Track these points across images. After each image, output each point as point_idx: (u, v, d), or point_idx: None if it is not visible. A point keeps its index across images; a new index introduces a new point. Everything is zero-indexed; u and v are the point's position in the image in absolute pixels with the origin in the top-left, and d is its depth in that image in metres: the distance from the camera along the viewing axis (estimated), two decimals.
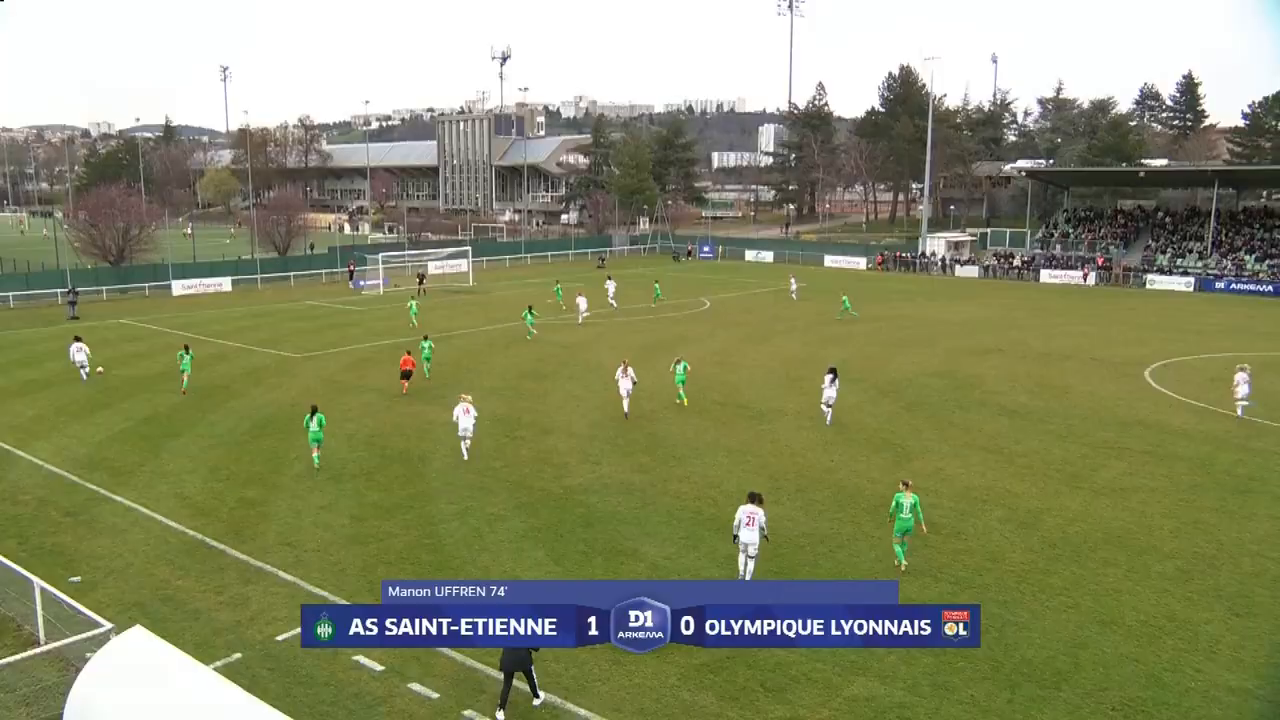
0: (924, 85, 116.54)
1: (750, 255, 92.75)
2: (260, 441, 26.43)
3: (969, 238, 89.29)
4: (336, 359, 38.98)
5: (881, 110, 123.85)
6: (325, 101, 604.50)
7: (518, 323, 47.74)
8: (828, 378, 28.47)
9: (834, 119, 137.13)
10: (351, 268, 70.68)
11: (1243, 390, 29.07)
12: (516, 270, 78.94)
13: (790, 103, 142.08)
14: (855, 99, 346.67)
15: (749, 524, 16.64)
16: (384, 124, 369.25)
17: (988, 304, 58.98)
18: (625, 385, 29.15)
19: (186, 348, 34.04)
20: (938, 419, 29.09)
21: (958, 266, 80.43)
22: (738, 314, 53.01)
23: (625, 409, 29.02)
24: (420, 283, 62.31)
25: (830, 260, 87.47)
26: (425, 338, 36.52)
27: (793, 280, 63.79)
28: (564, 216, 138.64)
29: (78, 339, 36.06)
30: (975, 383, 34.43)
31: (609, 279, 57.62)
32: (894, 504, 17.75)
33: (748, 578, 16.76)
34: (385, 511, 20.86)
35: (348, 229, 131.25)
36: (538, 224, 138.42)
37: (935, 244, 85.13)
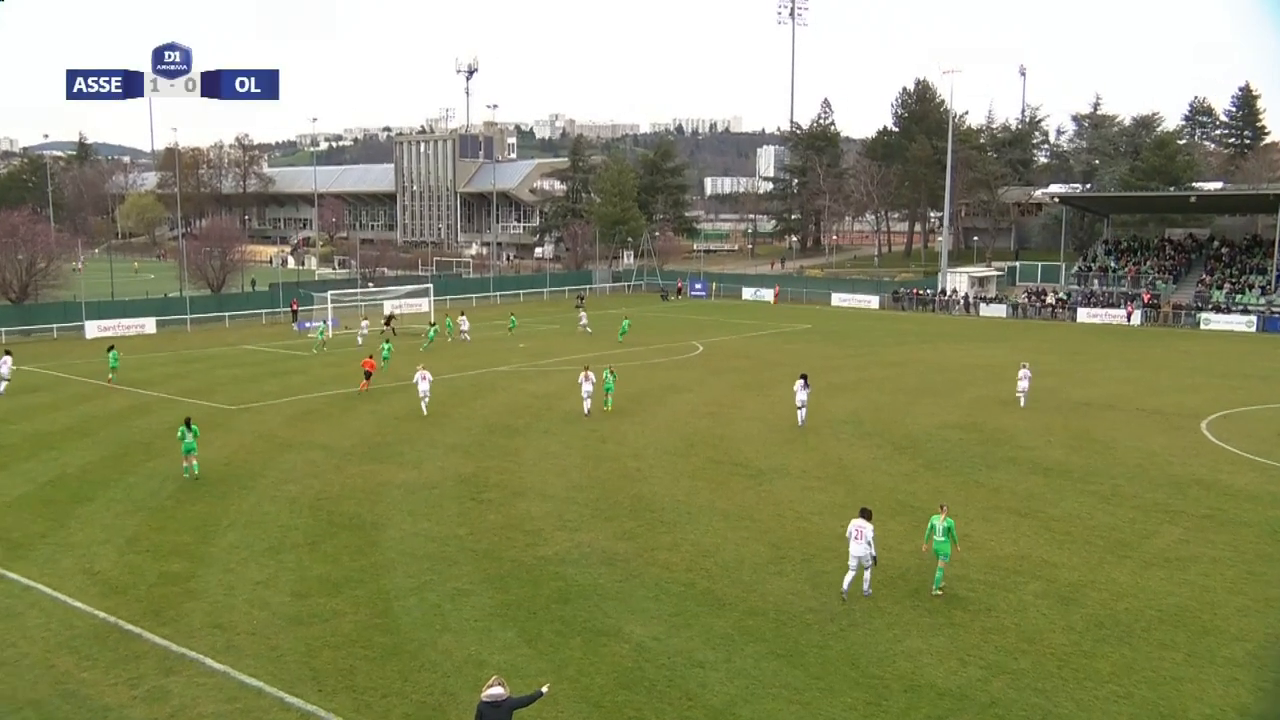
0: (943, 101, 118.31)
1: (748, 293, 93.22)
2: (187, 507, 26.09)
3: (995, 272, 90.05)
4: (277, 411, 38.71)
5: (895, 130, 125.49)
6: (267, 118, 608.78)
7: (484, 370, 47.62)
8: (799, 382, 35.44)
9: (841, 140, 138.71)
10: (295, 307, 70.65)
11: (1023, 385, 39.67)
12: (484, 310, 79.00)
13: (792, 122, 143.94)
14: (865, 117, 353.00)
15: (857, 538, 19.58)
16: (334, 145, 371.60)
17: (1017, 347, 59.26)
18: (586, 388, 36.88)
19: (111, 347, 44.71)
20: (962, 478, 29.03)
21: (983, 305, 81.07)
22: (733, 359, 53.08)
23: (585, 409, 36.87)
24: (388, 323, 63.98)
25: (839, 298, 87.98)
26: (386, 340, 50.55)
27: (582, 314, 67.52)
28: (538, 250, 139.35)
29: (8, 353, 43.77)
30: (1004, 437, 34.45)
31: (461, 314, 64.86)
32: (929, 528, 20.30)
33: (866, 590, 19.80)
34: (332, 587, 20.55)
35: (292, 263, 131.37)
36: (508, 258, 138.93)
37: (957, 280, 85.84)
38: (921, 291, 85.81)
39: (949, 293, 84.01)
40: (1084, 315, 75.42)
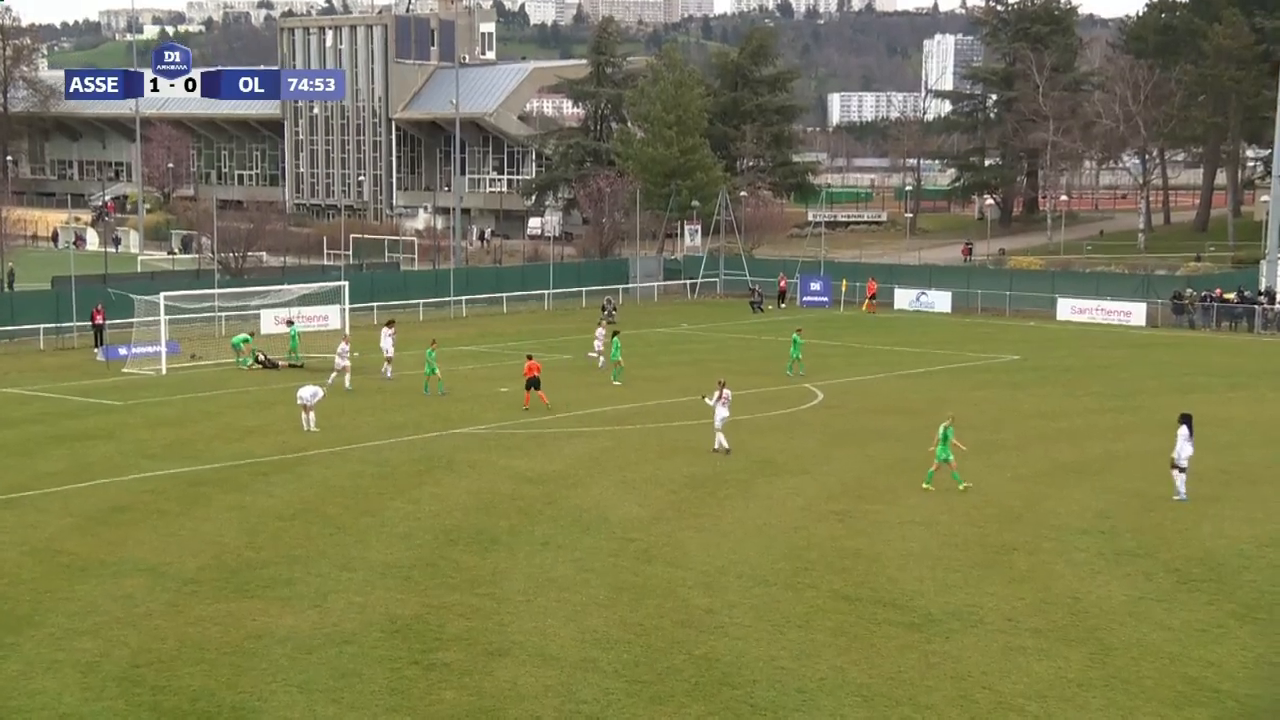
0: None
1: (904, 299, 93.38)
2: None
3: None
4: (63, 506, 38.96)
5: (1179, 3, 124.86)
6: None
7: (437, 433, 47.84)
8: (1181, 430, 39.11)
9: (1079, 22, 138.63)
10: (99, 320, 71.16)
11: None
12: (436, 327, 79.02)
13: None
14: None
15: None
16: (173, 31, 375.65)
17: None
18: (721, 413, 44.40)
19: None
20: None
21: None
22: (877, 415, 53.15)
23: (717, 444, 44.87)
24: (265, 366, 64.55)
25: (1070, 307, 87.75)
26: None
27: (599, 332, 67.04)
28: (534, 222, 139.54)
29: None
30: None
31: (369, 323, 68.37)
32: None
33: None
34: None
35: (94, 241, 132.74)
36: (484, 236, 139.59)
37: None
38: (1227, 295, 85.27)
39: None
40: None
